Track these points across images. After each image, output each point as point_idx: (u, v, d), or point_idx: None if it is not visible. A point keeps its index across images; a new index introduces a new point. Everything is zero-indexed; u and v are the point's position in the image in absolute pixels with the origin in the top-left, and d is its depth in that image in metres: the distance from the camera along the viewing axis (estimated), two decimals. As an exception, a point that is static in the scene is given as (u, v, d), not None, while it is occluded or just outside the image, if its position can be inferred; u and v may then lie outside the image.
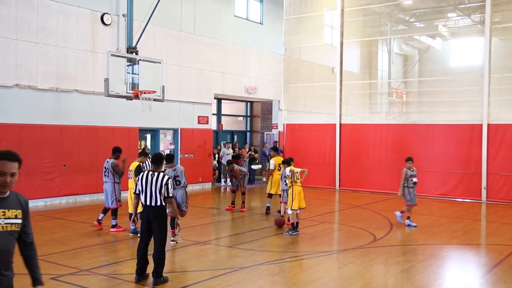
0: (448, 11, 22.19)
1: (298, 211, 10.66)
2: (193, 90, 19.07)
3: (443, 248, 9.87)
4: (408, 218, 11.77)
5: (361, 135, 18.93)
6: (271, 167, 13.09)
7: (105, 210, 10.90)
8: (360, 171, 18.80)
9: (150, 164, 12.49)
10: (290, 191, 10.71)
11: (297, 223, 10.63)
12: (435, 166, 17.10)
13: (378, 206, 15.09)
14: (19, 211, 3.52)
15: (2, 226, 3.41)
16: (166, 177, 7.17)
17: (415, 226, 11.61)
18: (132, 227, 10.27)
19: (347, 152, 19.11)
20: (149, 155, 12.91)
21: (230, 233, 11.49)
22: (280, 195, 12.35)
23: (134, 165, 10.62)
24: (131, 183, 10.28)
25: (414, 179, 11.78)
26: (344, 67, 19.74)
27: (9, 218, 3.45)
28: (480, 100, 16.60)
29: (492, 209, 15.01)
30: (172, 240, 9.49)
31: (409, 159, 11.91)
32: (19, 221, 3.52)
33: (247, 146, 22.54)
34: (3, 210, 3.43)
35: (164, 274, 7.15)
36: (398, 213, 12.05)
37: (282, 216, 11.73)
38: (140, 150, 14.14)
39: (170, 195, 7.13)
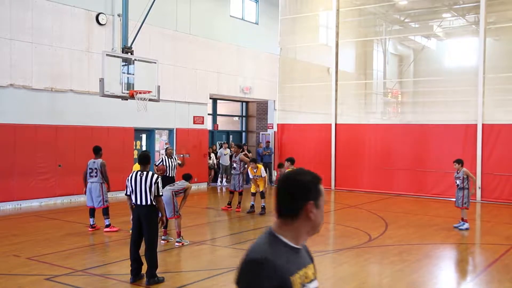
0: (443, 11, 22.24)
1: None
2: (189, 90, 19.04)
3: (438, 247, 9.91)
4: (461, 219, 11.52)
5: (357, 135, 18.96)
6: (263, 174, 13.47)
7: (92, 213, 10.77)
8: (355, 171, 18.82)
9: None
10: None
11: None
12: (429, 166, 17.14)
13: (373, 206, 15.13)
14: (312, 264, 2.29)
15: None
16: (156, 175, 7.33)
17: (459, 229, 11.35)
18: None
19: (343, 152, 19.13)
20: (173, 156, 12.96)
21: (226, 233, 11.49)
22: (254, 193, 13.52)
23: (136, 167, 10.58)
24: None
25: (457, 181, 11.62)
26: (339, 67, 19.76)
27: (312, 281, 2.18)
28: (475, 100, 16.66)
29: (486, 209, 15.07)
30: (163, 239, 9.50)
31: (455, 161, 11.70)
32: (317, 283, 2.24)
33: (245, 147, 22.42)
34: (304, 270, 2.15)
35: (159, 274, 7.14)
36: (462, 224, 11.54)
37: None
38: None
39: (160, 193, 7.31)
